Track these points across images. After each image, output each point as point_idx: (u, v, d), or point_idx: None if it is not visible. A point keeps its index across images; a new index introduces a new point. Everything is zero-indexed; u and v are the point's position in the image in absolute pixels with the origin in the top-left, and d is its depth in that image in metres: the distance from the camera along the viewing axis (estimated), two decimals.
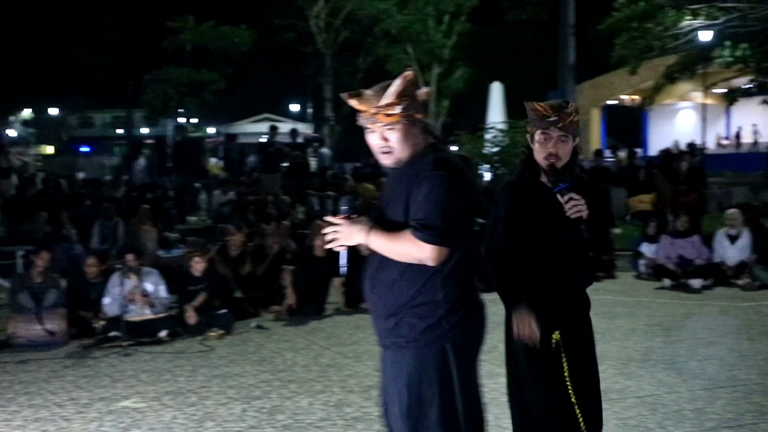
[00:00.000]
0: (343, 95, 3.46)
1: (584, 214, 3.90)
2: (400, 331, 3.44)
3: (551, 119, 4.01)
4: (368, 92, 3.39)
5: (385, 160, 3.45)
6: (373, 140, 3.44)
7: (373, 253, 3.49)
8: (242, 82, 49.81)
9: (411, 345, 3.44)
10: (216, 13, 40.63)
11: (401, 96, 3.34)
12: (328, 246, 3.50)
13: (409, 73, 3.39)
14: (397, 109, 3.33)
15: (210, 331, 9.16)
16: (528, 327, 3.98)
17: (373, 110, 3.35)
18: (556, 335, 4.00)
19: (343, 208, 3.48)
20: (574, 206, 3.89)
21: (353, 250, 3.54)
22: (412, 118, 3.40)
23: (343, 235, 3.42)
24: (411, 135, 3.41)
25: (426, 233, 3.30)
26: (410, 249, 3.33)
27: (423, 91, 3.44)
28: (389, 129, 3.38)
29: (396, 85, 3.35)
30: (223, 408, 6.52)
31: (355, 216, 3.46)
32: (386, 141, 3.41)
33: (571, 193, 3.90)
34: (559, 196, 3.94)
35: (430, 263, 3.34)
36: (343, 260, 3.53)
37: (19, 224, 15.27)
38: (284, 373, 7.58)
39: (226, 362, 8.08)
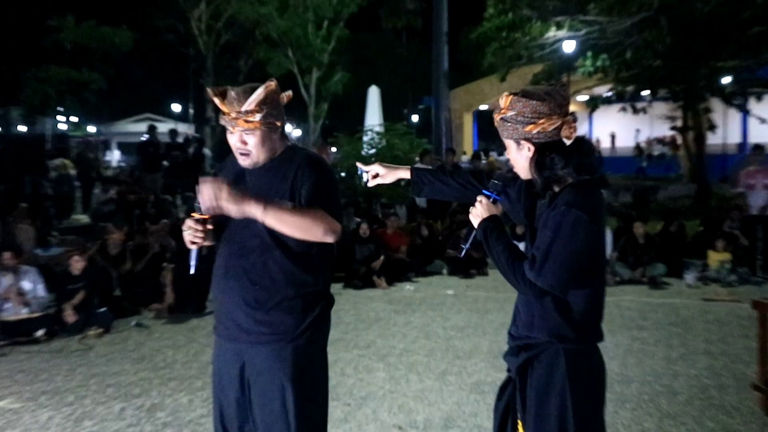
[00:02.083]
0: (210, 90, 3.41)
1: (474, 221, 3.17)
2: (286, 323, 3.37)
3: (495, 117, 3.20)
4: (233, 93, 3.36)
5: (243, 162, 3.46)
6: (233, 141, 3.44)
7: (245, 250, 3.41)
8: (123, 82, 48.65)
9: (299, 337, 3.39)
10: (97, 12, 39.59)
11: (261, 105, 3.35)
12: (190, 246, 3.42)
13: (271, 83, 3.39)
14: (257, 117, 3.34)
15: (89, 330, 8.86)
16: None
17: (234, 115, 3.34)
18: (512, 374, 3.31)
19: (198, 205, 3.37)
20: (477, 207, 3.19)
21: (205, 253, 3.48)
22: (271, 125, 3.41)
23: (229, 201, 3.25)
24: (269, 140, 3.42)
25: (335, 214, 3.38)
26: (321, 221, 3.30)
27: (285, 95, 3.46)
28: (248, 133, 3.38)
29: (257, 94, 3.34)
30: (102, 407, 6.30)
31: (205, 215, 3.36)
32: (245, 144, 3.41)
33: (481, 197, 3.19)
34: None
35: (332, 238, 3.35)
36: (193, 259, 3.44)
37: None
38: (164, 371, 7.38)
39: (105, 361, 7.82)
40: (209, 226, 3.40)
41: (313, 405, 3.44)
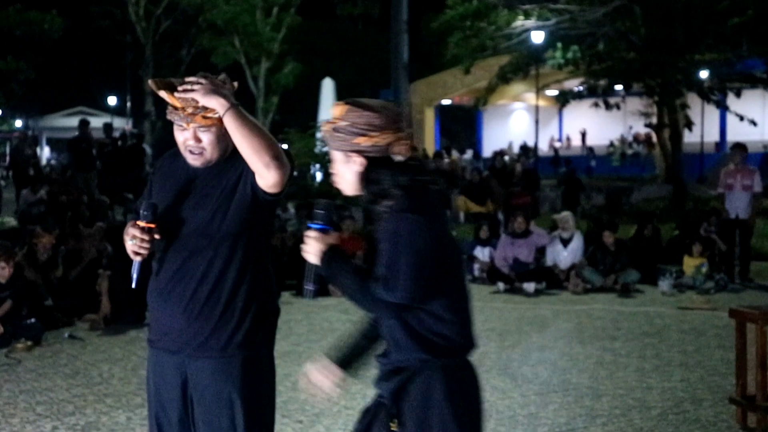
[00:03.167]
0: (152, 83, 3.31)
1: (312, 259, 3.06)
2: (233, 333, 3.34)
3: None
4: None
5: (194, 161, 3.35)
6: (183, 138, 3.34)
7: (190, 252, 3.36)
8: (53, 72, 48.13)
9: (248, 348, 3.36)
10: None
11: None
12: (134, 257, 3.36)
13: (224, 77, 3.34)
14: (216, 113, 3.22)
15: (17, 343, 8.78)
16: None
17: (191, 110, 3.25)
18: (393, 425, 3.04)
19: (144, 212, 3.32)
20: None
21: (145, 262, 3.40)
22: None
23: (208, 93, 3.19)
24: (224, 138, 3.30)
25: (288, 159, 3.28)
26: (275, 147, 3.18)
27: (233, 85, 3.37)
28: (204, 130, 3.29)
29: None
30: (31, 426, 6.26)
31: (152, 223, 3.31)
32: (199, 142, 3.31)
33: (310, 232, 3.06)
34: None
35: (275, 172, 3.18)
36: (135, 272, 3.38)
37: None
38: (100, 387, 7.35)
39: (35, 376, 7.76)
40: (156, 236, 3.33)
41: (263, 421, 3.43)
